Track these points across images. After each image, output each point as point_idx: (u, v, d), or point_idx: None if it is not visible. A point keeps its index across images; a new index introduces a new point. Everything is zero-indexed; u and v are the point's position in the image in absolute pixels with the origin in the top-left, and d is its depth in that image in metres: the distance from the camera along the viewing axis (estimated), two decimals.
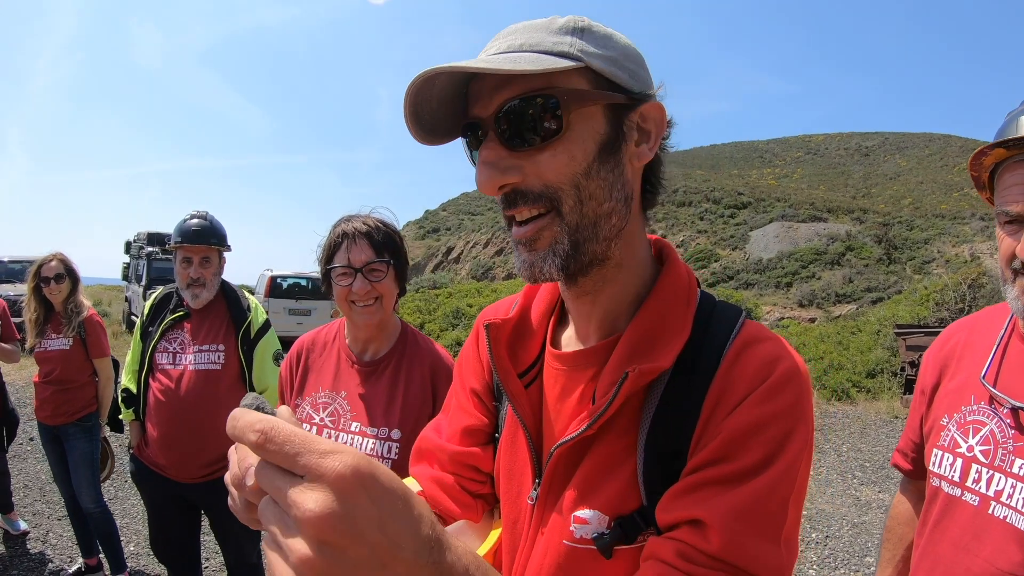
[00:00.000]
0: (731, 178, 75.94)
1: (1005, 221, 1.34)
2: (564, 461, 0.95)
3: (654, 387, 0.90)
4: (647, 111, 0.90)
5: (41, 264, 4.19)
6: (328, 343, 2.35)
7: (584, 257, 0.89)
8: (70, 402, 4.20)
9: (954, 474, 1.46)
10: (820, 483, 7.09)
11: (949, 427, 1.51)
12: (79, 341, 4.20)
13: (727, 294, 25.45)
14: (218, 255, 3.32)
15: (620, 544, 0.88)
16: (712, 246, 50.84)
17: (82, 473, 4.17)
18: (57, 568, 4.60)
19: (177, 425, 3.14)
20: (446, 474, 1.15)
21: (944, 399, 1.58)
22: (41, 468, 6.56)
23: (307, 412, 2.24)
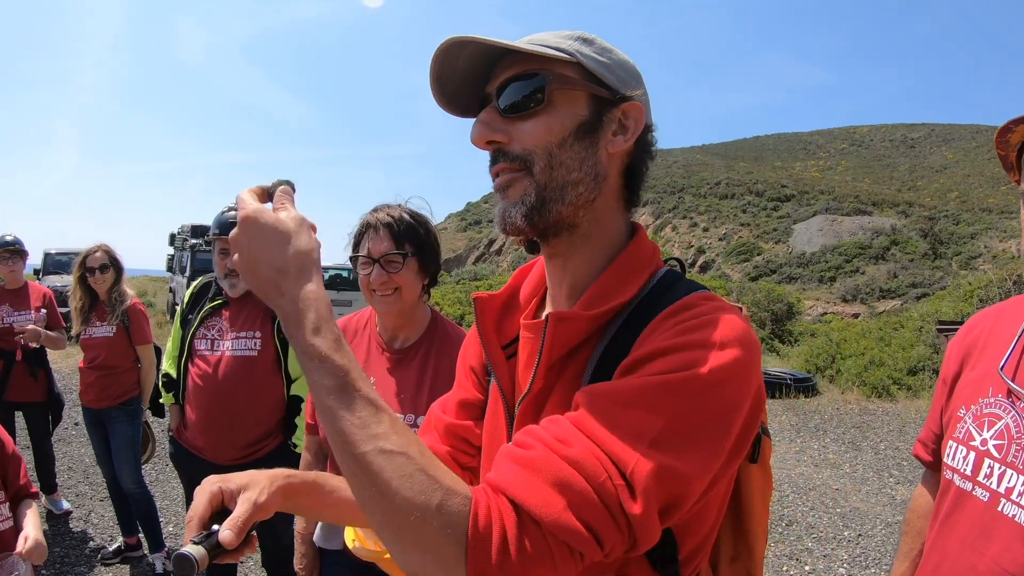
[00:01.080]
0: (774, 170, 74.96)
1: None
2: (526, 417, 1.03)
3: (599, 343, 1.00)
4: (628, 109, 1.03)
5: (86, 255, 4.33)
6: (360, 329, 2.39)
7: (549, 215, 1.01)
8: (113, 387, 4.34)
9: (966, 468, 1.41)
10: (856, 481, 7.02)
11: (965, 419, 1.47)
12: (123, 328, 4.34)
13: (769, 288, 25.13)
14: None
15: None
16: (755, 239, 50.30)
17: (124, 455, 4.32)
18: (98, 546, 4.75)
19: (214, 408, 3.23)
20: (441, 445, 1.25)
21: (963, 390, 1.53)
22: (85, 452, 6.76)
23: None
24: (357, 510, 1.13)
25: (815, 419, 9.89)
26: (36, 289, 5.10)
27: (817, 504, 6.25)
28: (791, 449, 8.27)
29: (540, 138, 0.99)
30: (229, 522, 0.91)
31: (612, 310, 1.00)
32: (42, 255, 17.94)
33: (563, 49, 0.99)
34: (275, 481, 1.03)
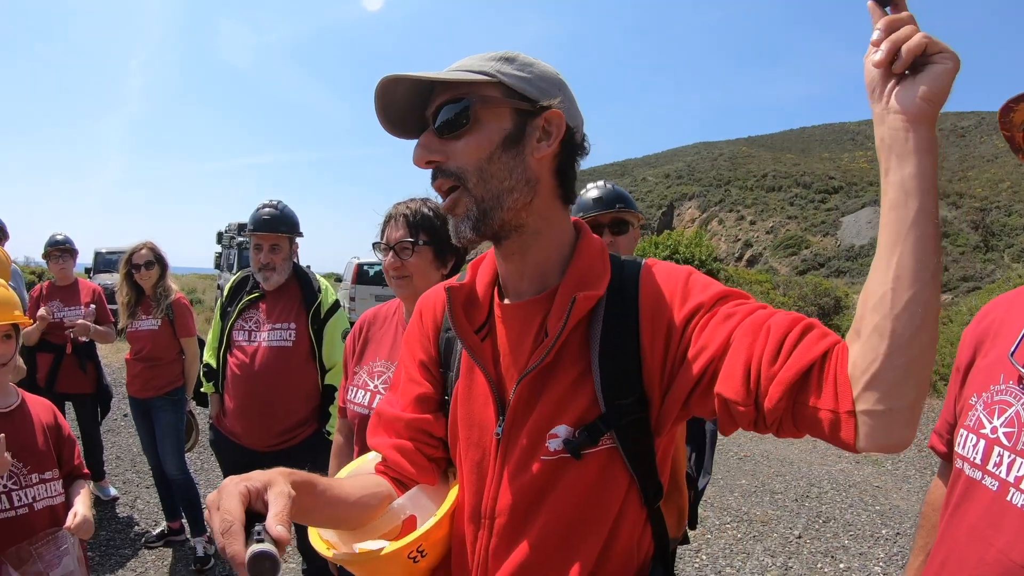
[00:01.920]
0: (822, 161, 73.65)
1: None
2: (527, 392, 1.16)
3: (595, 318, 1.14)
4: (550, 117, 1.13)
5: (132, 252, 4.50)
6: (388, 317, 2.49)
7: (494, 222, 1.13)
8: (158, 377, 4.52)
9: (976, 456, 1.40)
10: (897, 478, 6.92)
11: (976, 407, 1.45)
12: (167, 322, 4.51)
13: (816, 282, 24.78)
14: (288, 242, 3.50)
15: (587, 447, 1.11)
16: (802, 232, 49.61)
17: (168, 442, 4.50)
18: (143, 530, 4.94)
19: (251, 397, 3.37)
20: (404, 440, 1.31)
21: (975, 378, 1.51)
22: (132, 442, 6.98)
23: (363, 379, 2.38)
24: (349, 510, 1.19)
25: None
26: (86, 286, 5.29)
27: (856, 501, 6.18)
28: (832, 445, 8.17)
29: (471, 155, 1.10)
30: (276, 518, 0.87)
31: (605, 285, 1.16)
32: (93, 254, 18.40)
33: (485, 72, 1.10)
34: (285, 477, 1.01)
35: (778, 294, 22.19)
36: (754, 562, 4.87)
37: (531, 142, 1.13)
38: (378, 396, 2.30)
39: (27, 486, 2.22)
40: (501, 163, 1.11)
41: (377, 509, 1.24)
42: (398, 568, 1.19)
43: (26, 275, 19.38)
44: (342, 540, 1.24)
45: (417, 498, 1.29)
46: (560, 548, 1.13)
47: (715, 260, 21.22)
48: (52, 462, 2.34)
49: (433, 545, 1.22)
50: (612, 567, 1.14)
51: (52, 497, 2.29)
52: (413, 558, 1.19)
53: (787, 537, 5.35)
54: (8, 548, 2.11)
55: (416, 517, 1.26)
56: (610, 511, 1.13)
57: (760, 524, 5.60)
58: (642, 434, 1.13)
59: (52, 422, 2.41)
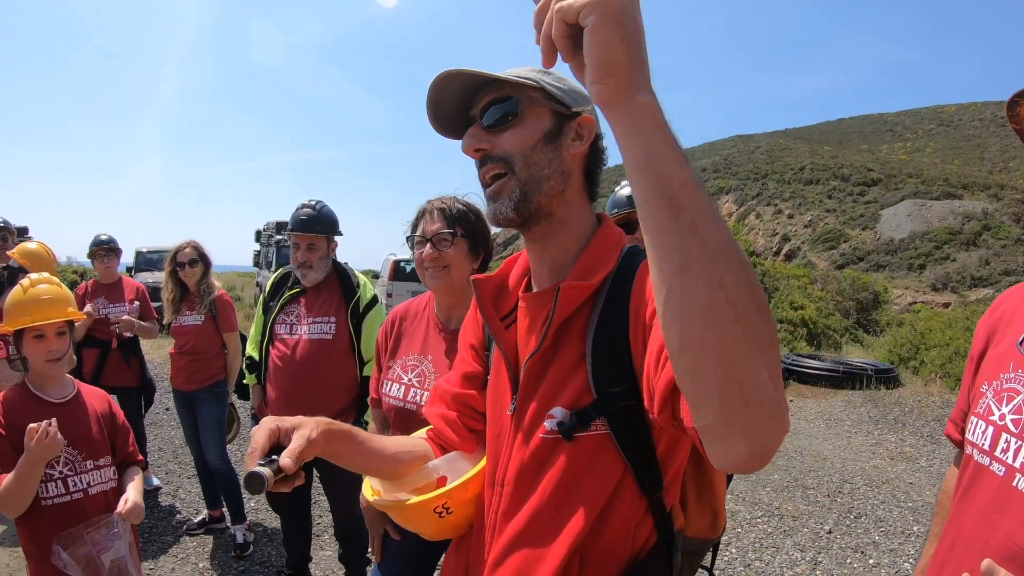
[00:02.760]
0: (860, 153, 72.57)
1: None
2: (532, 373, 1.28)
3: (595, 307, 1.23)
4: (583, 121, 1.28)
5: (177, 251, 4.66)
6: (419, 312, 2.59)
7: (531, 204, 1.24)
8: (201, 371, 4.68)
9: (984, 442, 1.41)
10: (932, 476, 6.87)
11: (987, 394, 1.47)
12: (210, 317, 4.67)
13: (854, 276, 24.49)
14: (325, 241, 3.61)
15: (579, 431, 1.20)
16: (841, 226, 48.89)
17: (210, 434, 4.67)
18: (184, 519, 5.11)
19: (292, 387, 3.51)
20: (450, 411, 1.52)
21: (987, 366, 1.53)
22: (174, 434, 7.18)
23: (397, 372, 2.48)
24: (383, 461, 1.39)
25: (895, 411, 9.66)
26: (130, 284, 5.46)
27: (888, 498, 6.16)
28: (867, 441, 8.14)
29: (517, 144, 1.23)
30: (288, 452, 1.11)
31: (602, 280, 1.24)
32: (134, 253, 18.78)
33: (530, 78, 1.23)
34: (320, 424, 1.24)
35: (816, 289, 21.96)
36: (784, 556, 4.90)
37: (567, 140, 1.26)
38: (412, 389, 2.40)
39: (81, 472, 2.34)
40: (542, 154, 1.24)
41: (410, 465, 1.44)
42: (426, 519, 1.38)
43: (68, 274, 19.83)
44: (385, 490, 1.42)
45: (453, 462, 1.46)
46: (552, 521, 1.21)
47: (752, 255, 21.04)
48: (106, 449, 2.47)
49: (460, 505, 1.37)
50: (601, 548, 1.20)
51: (106, 483, 2.42)
52: (439, 512, 1.35)
53: (818, 532, 5.36)
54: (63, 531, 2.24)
55: (447, 478, 1.43)
56: (601, 494, 1.19)
57: (791, 519, 5.62)
58: (636, 423, 1.17)
59: (107, 411, 2.54)
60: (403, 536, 2.45)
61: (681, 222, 0.76)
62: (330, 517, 4.77)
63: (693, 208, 0.77)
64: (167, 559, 4.47)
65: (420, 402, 2.37)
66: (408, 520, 1.43)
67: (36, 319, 2.34)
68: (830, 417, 9.38)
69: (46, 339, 2.37)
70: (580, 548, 1.19)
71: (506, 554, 1.25)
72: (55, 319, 2.36)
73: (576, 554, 1.19)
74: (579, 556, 1.20)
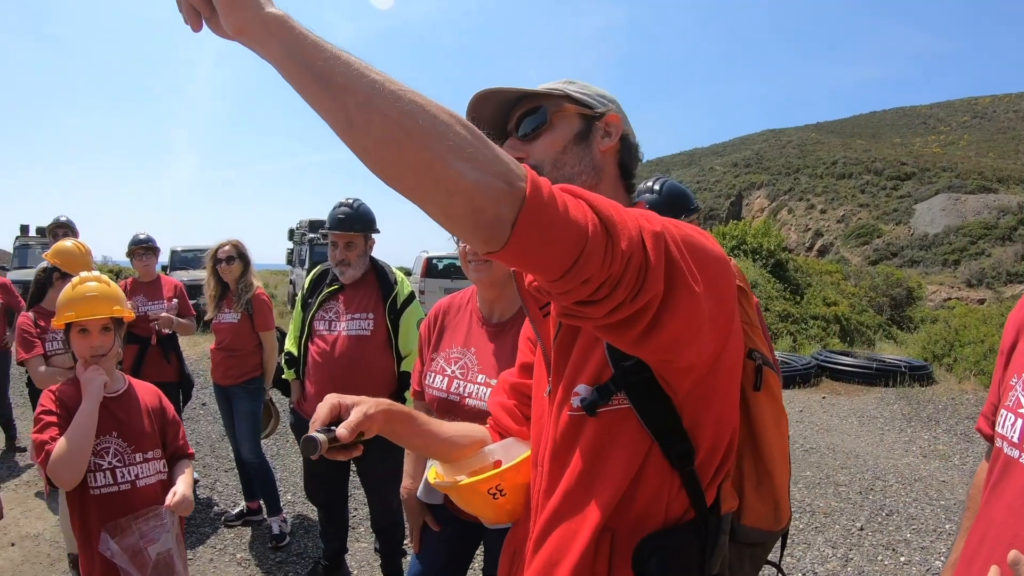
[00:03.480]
0: (893, 147, 71.51)
1: None
2: (560, 354, 1.36)
3: None
4: (609, 119, 1.40)
5: (217, 248, 4.80)
6: (462, 306, 2.65)
7: None
8: (237, 367, 4.80)
9: (1014, 435, 1.39)
10: (965, 473, 6.79)
11: (1016, 387, 1.45)
12: (247, 316, 4.77)
13: (888, 272, 24.20)
14: (363, 239, 3.71)
15: (600, 405, 1.25)
16: (874, 221, 48.37)
17: (244, 429, 4.80)
18: (222, 511, 5.24)
19: (332, 382, 3.60)
20: (508, 399, 1.66)
21: (1018, 359, 1.51)
22: (211, 429, 7.35)
23: (440, 364, 2.55)
24: (440, 443, 1.51)
25: (928, 409, 9.57)
26: (168, 281, 5.59)
27: (921, 496, 6.12)
28: (900, 439, 8.08)
29: (547, 149, 1.37)
30: (344, 424, 1.27)
31: None
32: (169, 252, 19.07)
33: (556, 88, 1.38)
34: (380, 404, 1.37)
35: (849, 285, 21.78)
36: (815, 553, 4.90)
37: (596, 138, 1.39)
38: (455, 380, 2.47)
39: (130, 464, 2.43)
40: (572, 153, 1.37)
41: (467, 448, 1.57)
42: (481, 500, 1.46)
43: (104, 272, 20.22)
44: (446, 473, 1.53)
45: (509, 447, 1.56)
46: (583, 497, 1.25)
47: (784, 250, 20.87)
48: (156, 443, 2.55)
49: (513, 487, 1.45)
50: (632, 522, 1.22)
51: (154, 476, 2.50)
52: (492, 494, 1.43)
53: (849, 529, 5.35)
54: (114, 519, 2.32)
55: (502, 462, 1.52)
56: (629, 468, 1.21)
57: (823, 516, 5.61)
58: (655, 395, 1.19)
59: (157, 405, 2.63)
60: (442, 527, 2.52)
61: (333, 88, 0.86)
62: (365, 510, 4.90)
63: (338, 73, 0.86)
64: (205, 549, 4.59)
65: (463, 393, 2.44)
66: (465, 501, 1.50)
67: (80, 315, 2.44)
68: (863, 414, 9.31)
69: (90, 334, 2.46)
70: (610, 523, 1.22)
71: (546, 532, 1.30)
72: (98, 315, 2.45)
73: (607, 530, 1.22)
74: (610, 532, 1.22)
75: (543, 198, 0.90)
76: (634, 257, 0.96)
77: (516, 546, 1.47)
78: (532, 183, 0.90)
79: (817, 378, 11.68)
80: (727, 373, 1.23)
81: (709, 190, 73.17)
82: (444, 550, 2.55)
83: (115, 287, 2.59)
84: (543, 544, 1.30)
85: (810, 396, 10.45)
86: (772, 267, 19.17)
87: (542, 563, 1.29)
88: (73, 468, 2.26)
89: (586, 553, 1.22)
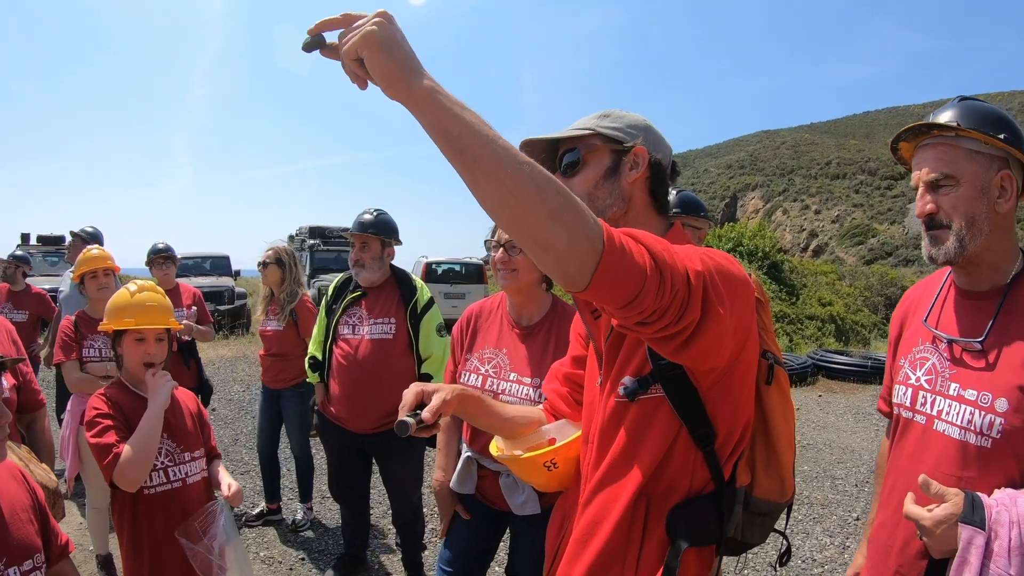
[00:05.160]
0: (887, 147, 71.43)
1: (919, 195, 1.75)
2: (611, 351, 1.59)
3: None
4: (636, 152, 1.57)
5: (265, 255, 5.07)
6: (493, 310, 2.88)
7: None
8: (285, 371, 5.05)
9: (907, 400, 1.79)
10: None
11: (904, 366, 1.84)
12: (291, 324, 4.99)
13: (882, 272, 24.39)
14: (379, 243, 3.91)
15: (639, 394, 1.49)
16: (869, 220, 48.55)
17: (294, 428, 5.09)
18: (241, 512, 5.34)
19: (356, 384, 3.83)
20: (562, 387, 1.90)
21: (903, 344, 1.91)
22: (224, 433, 7.52)
23: (475, 364, 2.76)
24: (504, 422, 1.77)
25: None
26: (186, 289, 5.75)
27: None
28: None
29: (582, 186, 1.57)
30: (428, 408, 1.51)
31: None
32: None
33: (588, 127, 1.57)
34: (455, 390, 1.59)
35: (844, 285, 21.94)
36: (813, 541, 5.13)
37: (625, 171, 1.57)
38: (489, 379, 2.69)
39: (180, 463, 2.58)
40: (604, 188, 1.57)
41: (526, 427, 1.84)
42: (537, 471, 1.73)
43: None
44: (506, 448, 1.80)
45: (562, 427, 1.83)
46: (624, 469, 1.51)
47: (779, 251, 21.04)
48: (199, 442, 2.73)
49: (564, 461, 1.71)
50: (663, 490, 1.48)
51: (200, 473, 2.67)
52: (548, 466, 1.70)
53: (846, 519, 5.58)
54: (167, 516, 2.48)
55: (556, 440, 1.79)
56: (662, 446, 1.47)
57: (820, 507, 5.84)
58: (685, 387, 1.44)
59: (196, 409, 2.81)
60: (471, 516, 2.74)
61: (465, 157, 1.09)
62: (383, 507, 5.10)
63: (470, 146, 1.09)
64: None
65: (497, 390, 2.65)
66: (523, 471, 1.80)
67: (140, 323, 2.59)
68: (859, 411, 9.54)
69: (146, 343, 2.61)
70: (646, 490, 1.47)
71: (592, 497, 1.56)
72: (158, 325, 2.62)
73: (643, 495, 1.48)
74: (645, 497, 1.48)
75: (616, 251, 1.12)
76: (679, 292, 1.18)
77: (566, 510, 1.73)
78: (608, 240, 1.12)
79: (814, 377, 11.92)
80: (743, 371, 1.47)
81: (703, 192, 73.37)
82: (474, 537, 2.77)
83: (168, 299, 2.76)
84: (589, 505, 1.56)
85: (807, 394, 10.68)
86: (768, 268, 19.35)
87: (588, 521, 1.55)
88: (141, 471, 2.40)
89: (625, 513, 1.48)
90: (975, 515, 1.42)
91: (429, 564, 4.38)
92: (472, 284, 18.01)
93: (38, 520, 1.83)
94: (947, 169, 1.67)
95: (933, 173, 1.69)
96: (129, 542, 2.53)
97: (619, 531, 1.48)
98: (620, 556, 1.49)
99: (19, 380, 2.75)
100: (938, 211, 1.69)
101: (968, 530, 1.41)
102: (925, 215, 1.72)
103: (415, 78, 1.12)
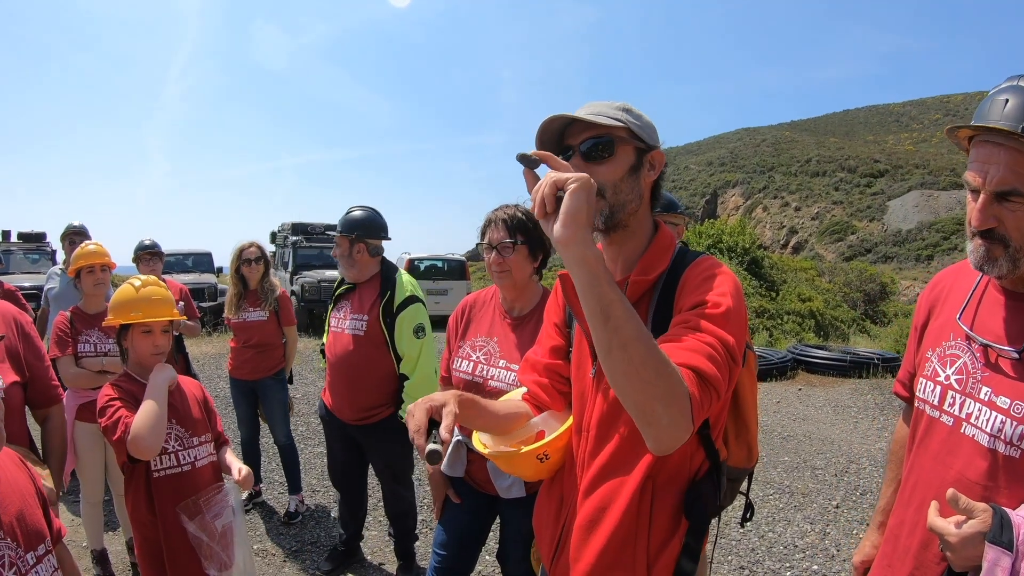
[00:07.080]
0: (866, 145, 72.11)
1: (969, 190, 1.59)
2: None
3: (654, 295, 1.63)
4: (655, 155, 1.66)
5: (241, 250, 5.13)
6: (487, 301, 2.99)
7: (616, 220, 1.63)
8: (266, 360, 5.19)
9: (934, 399, 1.71)
10: None
11: (932, 359, 1.76)
12: (273, 314, 5.16)
13: (861, 268, 24.67)
14: (347, 241, 3.98)
15: None
16: (848, 217, 48.87)
17: (276, 415, 5.22)
18: None
19: (337, 375, 3.98)
20: (542, 378, 1.92)
21: (930, 335, 1.82)
22: None
23: (467, 351, 2.88)
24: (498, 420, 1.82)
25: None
26: (174, 285, 5.75)
27: None
28: (873, 426, 8.44)
29: (610, 176, 1.59)
30: (444, 427, 1.47)
31: (659, 275, 1.64)
32: None
33: (619, 119, 1.58)
34: (456, 397, 1.58)
35: (823, 281, 22.18)
36: (795, 528, 5.26)
37: (644, 171, 1.64)
38: (480, 365, 2.80)
39: (189, 447, 2.68)
40: (627, 183, 1.61)
41: (517, 422, 1.87)
42: (529, 465, 1.78)
43: None
44: (492, 443, 1.84)
45: (547, 419, 1.88)
46: (629, 455, 1.60)
47: (760, 248, 21.25)
48: (206, 428, 2.82)
49: (555, 451, 1.77)
50: (667, 473, 1.59)
51: (208, 458, 2.77)
52: (540, 459, 1.76)
53: (826, 508, 5.72)
54: (179, 499, 2.57)
55: (545, 432, 1.84)
56: None
57: (801, 496, 5.98)
58: None
59: (201, 396, 2.90)
60: (462, 499, 2.85)
61: (609, 325, 1.21)
62: (375, 499, 5.20)
63: (616, 317, 1.20)
64: None
65: (486, 376, 2.76)
66: (514, 466, 1.88)
67: (148, 316, 2.68)
68: (838, 404, 9.68)
69: (153, 335, 2.70)
70: (651, 473, 1.57)
71: (595, 484, 1.64)
72: (164, 317, 2.71)
73: (649, 479, 1.57)
74: (651, 480, 1.57)
75: (697, 420, 1.28)
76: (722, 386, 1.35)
77: (562, 492, 1.80)
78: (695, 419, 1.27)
79: (793, 371, 12.05)
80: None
81: (684, 189, 73.69)
82: (466, 519, 2.88)
83: (170, 292, 2.84)
84: (592, 492, 1.65)
85: (787, 388, 10.81)
86: (748, 265, 19.56)
87: (594, 507, 1.63)
88: (156, 433, 2.45)
89: (634, 496, 1.57)
90: (1003, 535, 1.36)
91: (421, 554, 4.48)
92: (454, 280, 18.06)
93: (41, 505, 1.83)
94: (1020, 185, 1.46)
95: (1004, 186, 1.48)
96: (141, 524, 2.62)
97: (628, 516, 1.58)
98: (631, 539, 1.58)
99: (25, 376, 2.69)
100: (999, 225, 1.51)
101: (995, 551, 1.36)
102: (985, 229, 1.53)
103: (590, 233, 1.24)
